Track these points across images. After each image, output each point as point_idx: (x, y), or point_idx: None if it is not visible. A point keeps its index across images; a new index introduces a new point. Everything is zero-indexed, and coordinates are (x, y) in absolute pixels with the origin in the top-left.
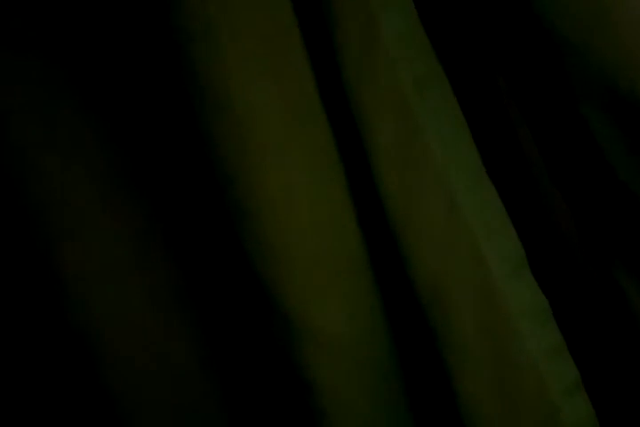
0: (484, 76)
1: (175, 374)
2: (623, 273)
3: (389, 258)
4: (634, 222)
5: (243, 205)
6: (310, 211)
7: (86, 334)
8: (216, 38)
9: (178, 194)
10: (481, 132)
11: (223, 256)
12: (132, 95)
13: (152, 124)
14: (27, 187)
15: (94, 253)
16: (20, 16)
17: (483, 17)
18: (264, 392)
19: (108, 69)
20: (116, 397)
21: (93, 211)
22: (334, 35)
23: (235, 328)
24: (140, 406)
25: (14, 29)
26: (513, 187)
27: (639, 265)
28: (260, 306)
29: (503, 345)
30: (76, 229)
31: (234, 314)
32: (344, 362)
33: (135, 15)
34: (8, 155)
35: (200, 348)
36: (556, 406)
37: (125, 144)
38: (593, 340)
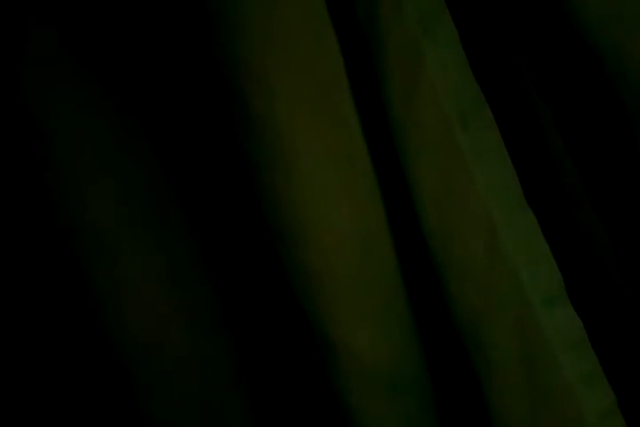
0: (526, 104)
1: (210, 397)
2: None
3: (428, 289)
4: None
5: (289, 236)
6: (354, 244)
7: (122, 345)
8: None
9: (222, 218)
10: (522, 159)
11: (266, 284)
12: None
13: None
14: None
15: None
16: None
17: (526, 43)
18: (304, 420)
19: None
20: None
21: (131, 224)
22: (379, 68)
23: (276, 356)
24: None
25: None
26: (553, 214)
27: None
28: (304, 335)
29: (540, 373)
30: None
31: (275, 341)
32: (385, 391)
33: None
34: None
35: (235, 373)
36: None
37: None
38: (632, 363)
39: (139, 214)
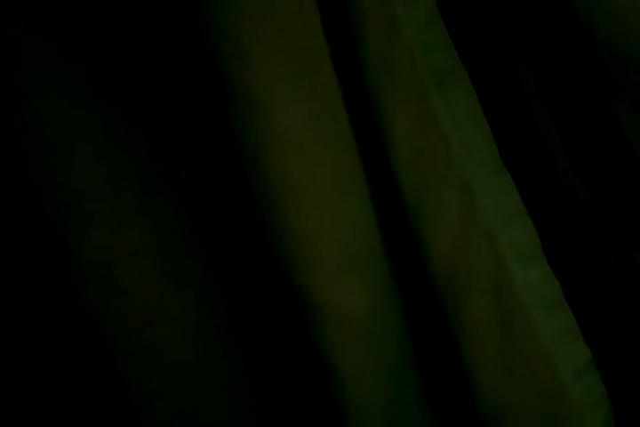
0: (506, 67)
1: (199, 351)
2: None
3: (406, 245)
4: None
5: (268, 197)
6: (331, 201)
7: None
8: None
9: (206, 186)
10: (499, 121)
11: (250, 247)
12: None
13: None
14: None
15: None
16: None
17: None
18: (287, 377)
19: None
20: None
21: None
22: (355, 27)
23: (260, 314)
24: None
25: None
26: (530, 173)
27: None
28: (285, 292)
29: (514, 331)
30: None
31: (259, 301)
32: (366, 345)
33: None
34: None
35: (224, 330)
36: (566, 386)
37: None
38: (609, 323)
39: (119, 175)
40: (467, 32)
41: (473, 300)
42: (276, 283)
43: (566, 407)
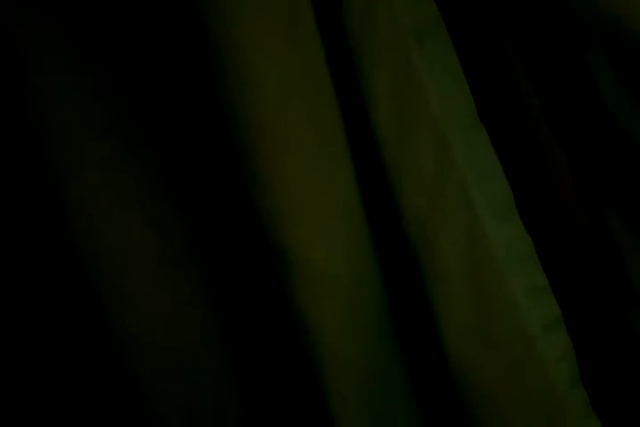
0: (483, 22)
1: (175, 306)
2: (616, 219)
3: (382, 200)
4: (629, 167)
5: (247, 150)
6: (308, 154)
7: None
8: None
9: (182, 133)
10: (478, 76)
11: (228, 197)
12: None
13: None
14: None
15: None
16: None
17: None
18: (261, 330)
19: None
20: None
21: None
22: None
23: (236, 266)
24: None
25: None
26: (508, 130)
27: (632, 210)
28: (261, 244)
29: (485, 284)
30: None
31: (236, 251)
32: (341, 298)
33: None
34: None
35: (200, 280)
36: (534, 340)
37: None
38: (580, 281)
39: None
40: None
41: (444, 252)
42: (255, 239)
43: (533, 360)
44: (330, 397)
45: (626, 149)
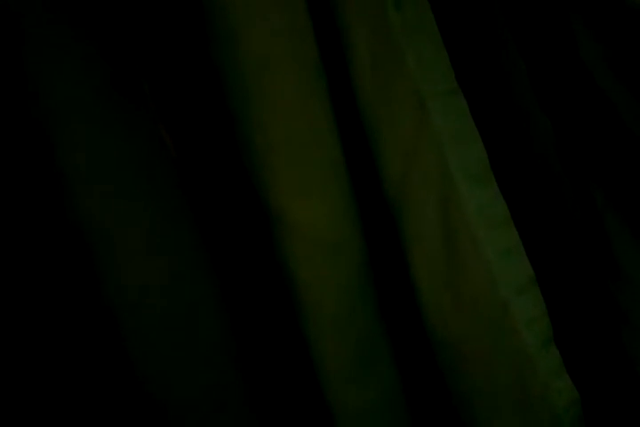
0: None
1: (172, 267)
2: (600, 195)
3: (367, 166)
4: (615, 143)
5: (237, 111)
6: (294, 115)
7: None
8: None
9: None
10: (460, 44)
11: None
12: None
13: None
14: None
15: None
16: None
17: None
18: (251, 286)
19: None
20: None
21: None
22: None
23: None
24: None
25: None
26: (491, 100)
27: (615, 185)
28: (253, 205)
29: (458, 245)
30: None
31: (229, 212)
32: (327, 256)
33: None
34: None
35: (196, 243)
36: (506, 302)
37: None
38: (555, 244)
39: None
40: None
41: (419, 213)
42: (247, 200)
43: (506, 322)
44: (313, 347)
45: (615, 126)
